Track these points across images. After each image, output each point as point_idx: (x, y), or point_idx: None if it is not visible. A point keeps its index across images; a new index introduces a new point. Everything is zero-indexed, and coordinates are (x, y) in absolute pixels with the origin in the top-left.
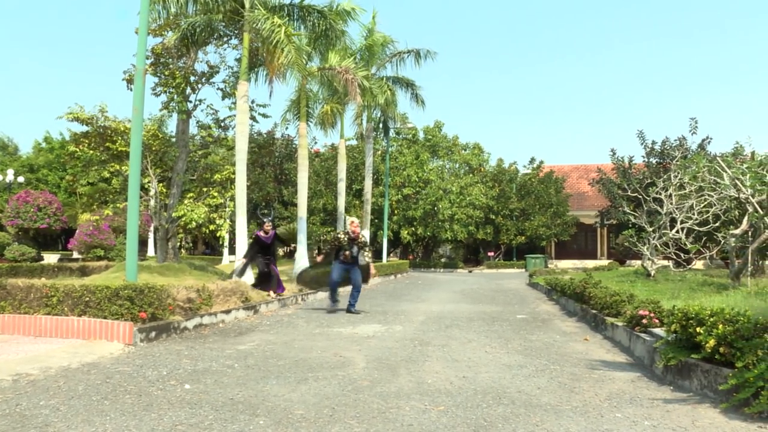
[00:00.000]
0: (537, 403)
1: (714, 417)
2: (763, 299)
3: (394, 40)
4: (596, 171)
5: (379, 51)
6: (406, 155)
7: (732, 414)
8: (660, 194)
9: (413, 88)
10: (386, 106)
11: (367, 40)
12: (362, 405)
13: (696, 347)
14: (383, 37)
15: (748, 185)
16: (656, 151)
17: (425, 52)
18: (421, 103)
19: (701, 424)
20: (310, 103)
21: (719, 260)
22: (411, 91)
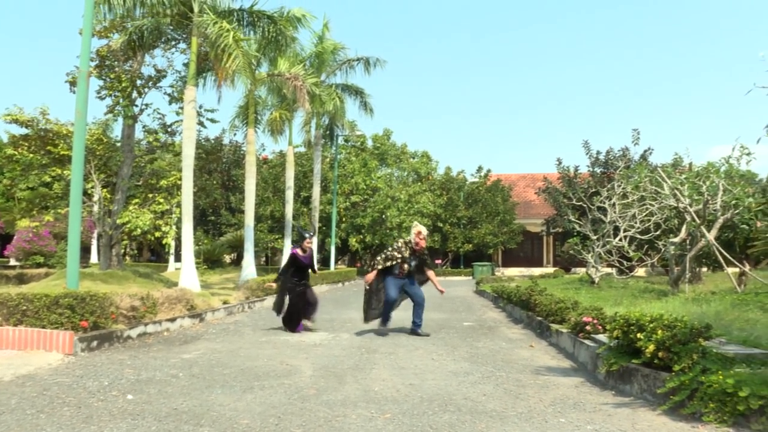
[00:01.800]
0: (483, 409)
1: (653, 419)
2: (699, 305)
3: (345, 47)
4: (543, 180)
5: (329, 58)
6: (355, 163)
7: (669, 416)
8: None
9: (362, 95)
10: (335, 114)
11: (317, 47)
12: (308, 414)
13: (637, 352)
14: (333, 45)
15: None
16: (601, 161)
17: (375, 60)
18: (370, 111)
19: (640, 426)
20: (258, 110)
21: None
22: (360, 99)
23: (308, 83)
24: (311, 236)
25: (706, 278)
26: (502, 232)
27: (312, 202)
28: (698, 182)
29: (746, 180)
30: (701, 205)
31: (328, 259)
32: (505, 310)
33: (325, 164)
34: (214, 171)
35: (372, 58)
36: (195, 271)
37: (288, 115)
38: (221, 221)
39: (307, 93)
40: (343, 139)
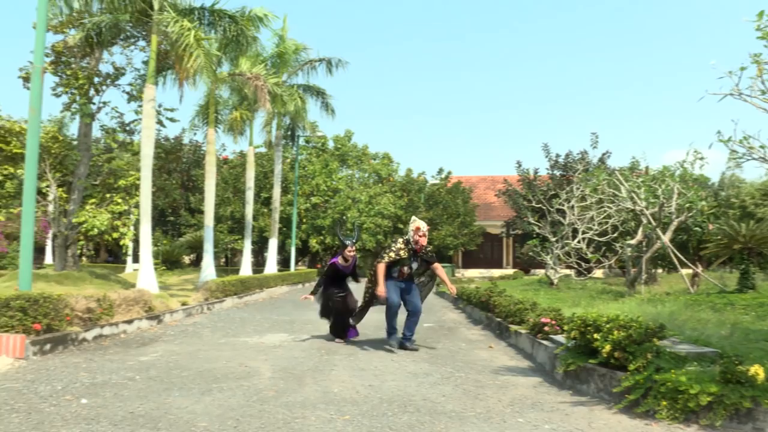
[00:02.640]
0: (442, 410)
1: (608, 418)
2: (654, 306)
3: (307, 48)
4: (503, 182)
5: (290, 58)
6: (316, 164)
7: (625, 414)
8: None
9: (324, 96)
10: (296, 114)
11: (278, 47)
12: (267, 416)
13: (593, 352)
14: (295, 45)
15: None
16: (560, 163)
17: (337, 61)
18: (331, 111)
19: (596, 425)
20: (219, 109)
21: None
22: (321, 100)
23: (270, 83)
24: (353, 243)
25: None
26: (462, 234)
27: (272, 202)
28: (654, 186)
29: (699, 184)
30: (657, 208)
31: (288, 260)
32: (465, 312)
33: (286, 165)
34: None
35: (334, 59)
36: (153, 272)
37: (249, 115)
38: (180, 222)
39: (268, 93)
40: (304, 140)
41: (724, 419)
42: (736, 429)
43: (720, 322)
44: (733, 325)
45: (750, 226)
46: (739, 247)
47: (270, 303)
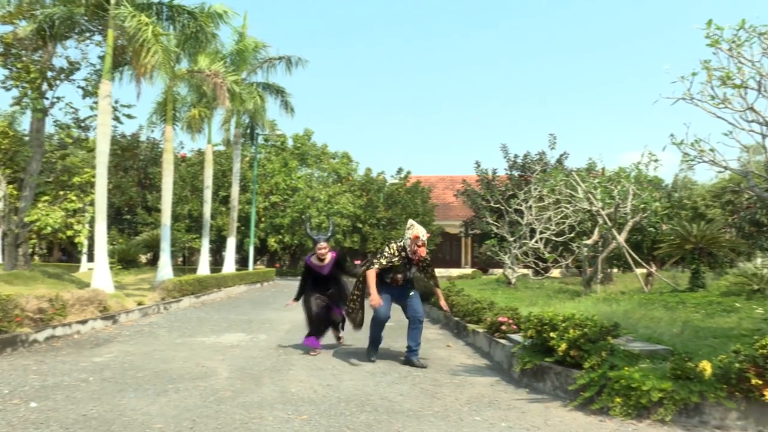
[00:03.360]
0: (399, 409)
1: (564, 415)
2: (609, 305)
3: (267, 46)
4: (461, 182)
5: (250, 56)
6: (275, 162)
7: (580, 411)
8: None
9: (283, 95)
10: (255, 112)
11: (238, 45)
12: (224, 416)
13: (550, 351)
14: (255, 42)
15: (599, 199)
16: (518, 164)
17: (296, 60)
18: (290, 110)
19: (552, 422)
20: (177, 107)
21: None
22: (281, 98)
23: (229, 81)
24: (326, 239)
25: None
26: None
27: (231, 201)
28: (610, 187)
29: (653, 185)
30: (613, 209)
31: (246, 259)
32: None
33: (245, 163)
34: (130, 168)
35: (294, 57)
36: (108, 272)
37: (207, 112)
38: (137, 220)
39: (227, 91)
40: (263, 139)
41: (674, 414)
42: (685, 423)
43: (672, 321)
44: (684, 323)
45: (701, 227)
46: (690, 247)
47: (228, 302)
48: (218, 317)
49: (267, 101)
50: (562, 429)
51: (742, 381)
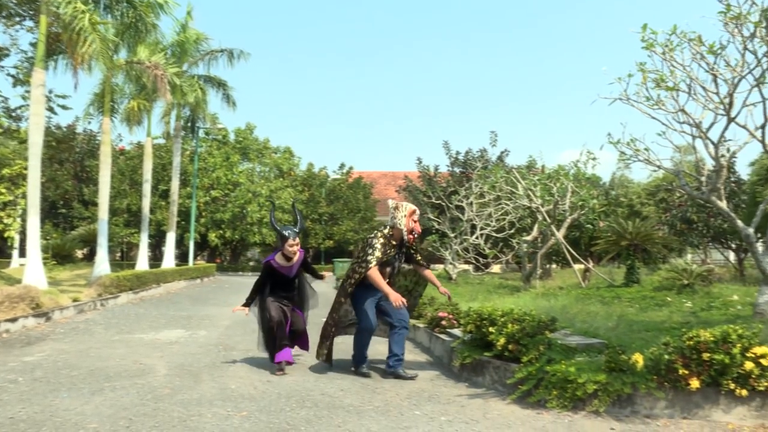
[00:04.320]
0: (340, 404)
1: (502, 408)
2: (548, 299)
3: (208, 38)
4: (403, 178)
5: (191, 48)
6: (216, 156)
7: (518, 404)
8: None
9: (225, 88)
10: (197, 105)
11: (179, 36)
12: (162, 414)
13: (489, 345)
14: (197, 34)
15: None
16: (460, 161)
17: (239, 53)
18: (232, 104)
19: (491, 415)
20: (116, 98)
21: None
22: (223, 92)
23: (169, 73)
24: (297, 234)
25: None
26: (363, 229)
27: (171, 195)
28: (549, 184)
29: (591, 183)
30: (552, 206)
31: (186, 254)
32: None
33: (186, 157)
34: (65, 161)
35: (236, 50)
36: (41, 267)
37: (147, 104)
38: (73, 214)
39: (168, 83)
40: (204, 132)
41: (607, 405)
42: (618, 413)
43: (608, 315)
44: (619, 317)
45: (636, 224)
46: (626, 244)
47: (167, 298)
48: (157, 313)
49: (209, 94)
50: (501, 422)
51: (671, 371)
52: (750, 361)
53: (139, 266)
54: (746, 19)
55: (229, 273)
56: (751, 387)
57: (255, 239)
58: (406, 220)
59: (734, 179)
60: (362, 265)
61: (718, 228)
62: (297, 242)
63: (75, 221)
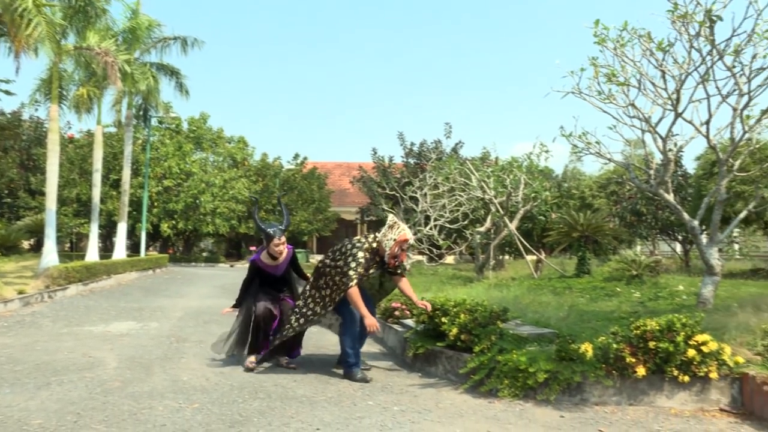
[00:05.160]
0: (293, 395)
1: (455, 398)
2: (500, 290)
3: (161, 25)
4: (358, 169)
5: (143, 35)
6: (169, 146)
7: (470, 393)
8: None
9: (178, 76)
10: (149, 94)
11: (131, 22)
12: (111, 408)
13: (441, 336)
14: (149, 21)
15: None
16: (414, 152)
17: (192, 41)
18: (185, 92)
19: (443, 405)
20: (64, 84)
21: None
22: (176, 80)
23: (120, 60)
24: (283, 232)
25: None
26: (317, 220)
27: (122, 185)
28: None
29: (544, 175)
30: (505, 197)
31: (138, 245)
32: None
33: (137, 146)
34: (10, 149)
35: (189, 38)
36: None
37: (97, 92)
38: (19, 204)
39: (118, 70)
40: (157, 121)
41: (558, 393)
42: (568, 401)
43: (559, 305)
44: (570, 307)
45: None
46: (577, 235)
47: (118, 290)
48: (107, 305)
49: (161, 82)
50: (453, 411)
51: (619, 360)
52: (692, 348)
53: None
54: (692, 18)
55: (182, 264)
56: (692, 373)
57: (208, 230)
58: (394, 245)
59: (681, 173)
60: (344, 280)
61: (666, 220)
62: (283, 241)
63: (21, 211)
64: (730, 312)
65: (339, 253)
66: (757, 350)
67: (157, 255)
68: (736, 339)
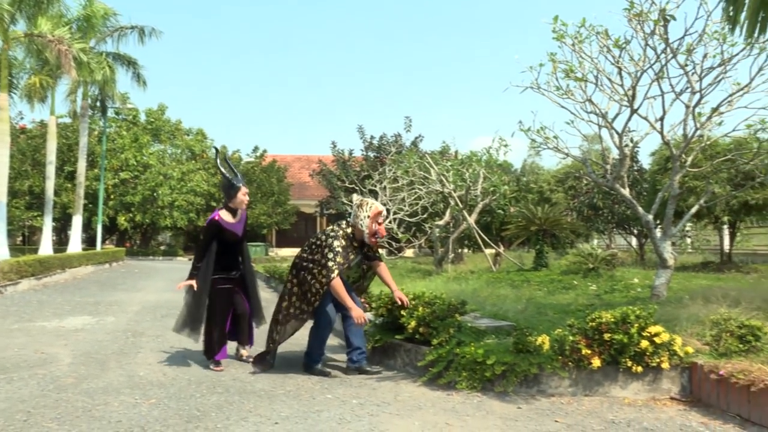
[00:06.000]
0: (251, 389)
1: (413, 390)
2: (459, 283)
3: (117, 14)
4: (317, 162)
5: (99, 23)
6: (126, 137)
7: (428, 386)
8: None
9: (135, 66)
10: (105, 84)
11: (85, 10)
12: (65, 405)
13: (400, 329)
14: (104, 9)
15: (451, 181)
16: (374, 145)
17: (150, 30)
18: (143, 83)
19: (402, 397)
20: (15, 72)
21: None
22: (133, 70)
23: (75, 48)
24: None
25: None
26: (276, 213)
27: (77, 177)
28: (462, 169)
29: (503, 169)
30: (464, 191)
31: (94, 238)
32: (277, 291)
33: (93, 137)
34: None
35: (147, 28)
36: None
37: (51, 81)
38: None
39: (73, 59)
40: (114, 112)
41: (515, 385)
42: (525, 393)
43: (517, 298)
44: (528, 300)
45: (545, 210)
46: (535, 229)
47: (73, 284)
48: (62, 300)
49: (118, 73)
50: (412, 404)
51: (575, 352)
52: (645, 339)
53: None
54: (647, 17)
55: (139, 257)
56: (645, 364)
57: (166, 223)
58: (369, 222)
59: (637, 168)
60: (323, 273)
61: (622, 214)
62: (246, 193)
63: None
64: (681, 304)
65: (315, 246)
66: (706, 340)
67: (114, 248)
68: (687, 330)
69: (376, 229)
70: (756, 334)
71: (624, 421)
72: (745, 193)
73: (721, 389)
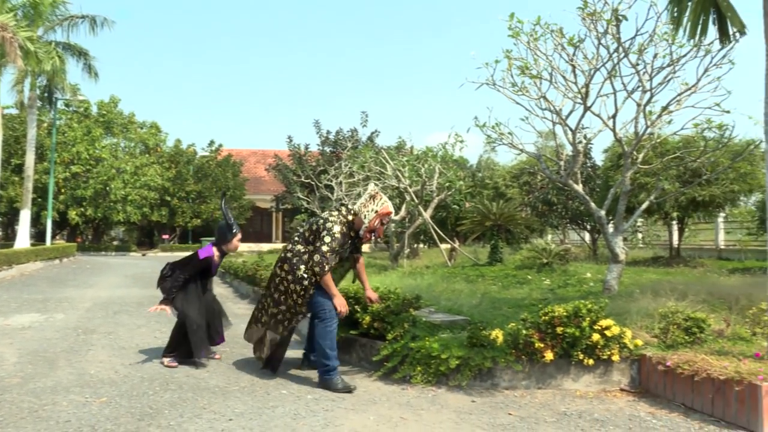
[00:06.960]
0: (205, 386)
1: (368, 385)
2: (414, 278)
3: (68, 2)
4: (273, 157)
5: (47, 11)
6: (77, 130)
7: (383, 381)
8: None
9: (87, 57)
10: (54, 74)
11: None
12: (9, 405)
13: (355, 324)
14: None
15: (407, 176)
16: (330, 140)
17: (102, 20)
18: (95, 74)
19: (357, 392)
20: None
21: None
22: (84, 61)
23: (21, 36)
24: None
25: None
26: (231, 208)
27: (25, 170)
28: (418, 165)
29: (458, 165)
30: (419, 186)
31: (44, 233)
32: (232, 286)
33: (42, 130)
34: None
35: (99, 17)
36: None
37: None
38: None
39: (19, 47)
40: (64, 104)
41: (469, 379)
42: (479, 386)
43: (472, 292)
44: (483, 294)
45: (500, 206)
46: (490, 224)
47: (21, 281)
48: (8, 297)
49: (68, 63)
50: (367, 399)
51: (528, 345)
52: (596, 333)
53: None
54: (600, 17)
55: (91, 253)
56: (596, 356)
57: (119, 217)
58: (375, 217)
59: (590, 165)
60: (315, 258)
61: (576, 210)
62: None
63: None
64: (632, 297)
65: (309, 233)
66: (654, 333)
67: (65, 244)
68: (637, 323)
69: (377, 227)
70: (701, 326)
71: (576, 412)
72: (693, 189)
73: (667, 380)
